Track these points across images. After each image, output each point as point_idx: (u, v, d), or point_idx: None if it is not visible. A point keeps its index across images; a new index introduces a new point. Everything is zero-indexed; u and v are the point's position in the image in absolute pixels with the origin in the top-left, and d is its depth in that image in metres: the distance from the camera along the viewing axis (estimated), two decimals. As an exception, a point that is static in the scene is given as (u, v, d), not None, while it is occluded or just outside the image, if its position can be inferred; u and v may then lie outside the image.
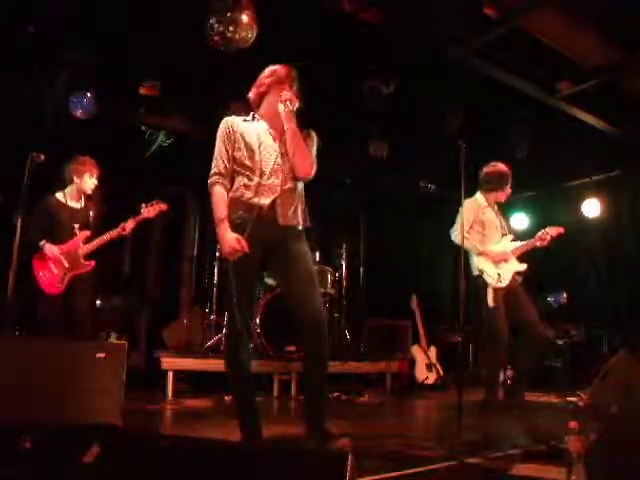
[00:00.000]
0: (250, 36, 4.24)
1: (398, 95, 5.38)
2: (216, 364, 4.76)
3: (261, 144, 2.66)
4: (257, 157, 2.63)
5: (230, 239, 2.51)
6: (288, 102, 2.58)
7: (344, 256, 6.62)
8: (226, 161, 2.67)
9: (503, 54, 5.03)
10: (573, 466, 1.83)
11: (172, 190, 6.54)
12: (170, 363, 4.72)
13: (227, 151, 2.68)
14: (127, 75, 5.24)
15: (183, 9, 4.24)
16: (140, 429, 3.20)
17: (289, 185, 2.65)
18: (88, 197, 4.36)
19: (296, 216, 2.66)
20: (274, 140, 2.69)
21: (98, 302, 5.71)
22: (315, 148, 2.77)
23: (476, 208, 4.36)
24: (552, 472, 2.23)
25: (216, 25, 4.17)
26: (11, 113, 4.87)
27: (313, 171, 2.68)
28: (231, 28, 4.15)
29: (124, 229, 4.15)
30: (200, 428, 3.35)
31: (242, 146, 2.66)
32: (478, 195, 4.45)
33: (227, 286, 2.61)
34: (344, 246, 6.68)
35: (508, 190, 4.47)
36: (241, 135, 2.67)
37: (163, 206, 4.31)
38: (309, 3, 4.35)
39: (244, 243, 2.49)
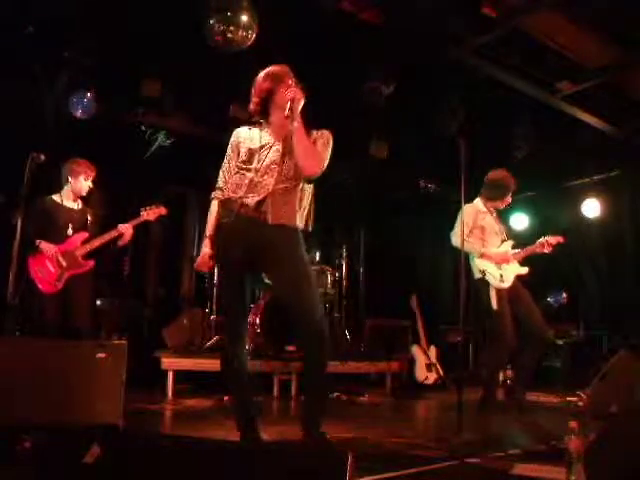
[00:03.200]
0: (250, 36, 4.24)
1: (398, 95, 5.38)
2: (216, 364, 4.72)
3: (263, 146, 2.63)
4: (255, 158, 2.62)
5: (200, 255, 2.67)
6: (294, 100, 2.51)
7: (344, 256, 6.62)
8: (228, 175, 2.70)
9: (503, 54, 5.03)
10: (573, 466, 1.83)
11: (172, 190, 6.54)
12: (170, 363, 4.72)
13: (230, 165, 2.70)
14: (127, 75, 5.24)
15: (183, 9, 4.24)
16: (140, 429, 3.20)
17: (285, 184, 2.59)
18: (85, 200, 4.34)
19: (289, 216, 2.60)
20: (277, 140, 2.64)
21: (98, 302, 5.70)
22: (330, 148, 2.68)
23: (475, 213, 4.35)
24: (552, 472, 2.23)
25: (216, 25, 4.17)
26: (11, 113, 4.87)
27: (320, 170, 2.59)
28: (231, 28, 4.16)
29: (121, 230, 4.13)
30: (200, 428, 3.35)
31: (243, 154, 2.66)
32: (477, 200, 4.46)
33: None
34: (344, 246, 6.68)
35: (508, 200, 4.48)
36: (244, 143, 2.68)
37: (162, 209, 4.30)
38: (309, 3, 4.35)
39: (206, 262, 2.65)
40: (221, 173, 2.73)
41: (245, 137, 2.70)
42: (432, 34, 4.71)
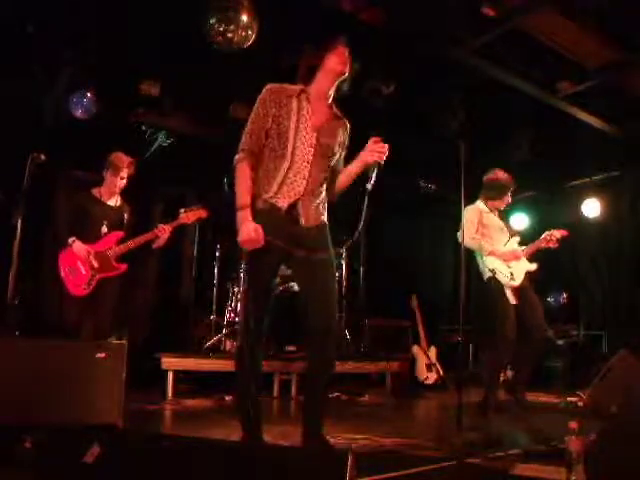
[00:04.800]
0: (250, 36, 4.24)
1: (398, 95, 5.38)
2: (216, 364, 4.78)
3: (298, 132, 2.43)
4: (289, 147, 2.42)
5: (248, 228, 2.33)
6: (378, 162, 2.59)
7: (344, 256, 6.62)
8: (258, 136, 2.45)
9: (503, 54, 5.03)
10: (573, 466, 1.83)
11: (172, 190, 6.54)
12: (170, 363, 4.71)
13: (264, 122, 2.44)
14: (127, 75, 5.23)
15: (183, 8, 4.24)
16: (140, 429, 3.20)
17: (315, 184, 2.49)
18: (124, 198, 4.12)
19: (320, 215, 2.55)
20: (312, 129, 2.46)
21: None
22: (347, 139, 2.72)
23: (478, 213, 4.36)
24: (552, 472, 2.23)
25: (216, 25, 4.17)
26: (11, 113, 4.87)
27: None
28: (231, 28, 4.16)
29: (160, 232, 3.89)
30: (200, 428, 3.35)
31: (277, 129, 2.43)
32: (478, 202, 4.46)
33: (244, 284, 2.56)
34: (344, 246, 6.68)
35: (508, 199, 4.48)
36: (281, 109, 2.43)
37: (202, 212, 3.97)
38: (309, 3, 4.35)
39: (261, 235, 2.34)
40: (250, 129, 2.46)
41: (282, 104, 2.44)
42: (432, 34, 4.71)
